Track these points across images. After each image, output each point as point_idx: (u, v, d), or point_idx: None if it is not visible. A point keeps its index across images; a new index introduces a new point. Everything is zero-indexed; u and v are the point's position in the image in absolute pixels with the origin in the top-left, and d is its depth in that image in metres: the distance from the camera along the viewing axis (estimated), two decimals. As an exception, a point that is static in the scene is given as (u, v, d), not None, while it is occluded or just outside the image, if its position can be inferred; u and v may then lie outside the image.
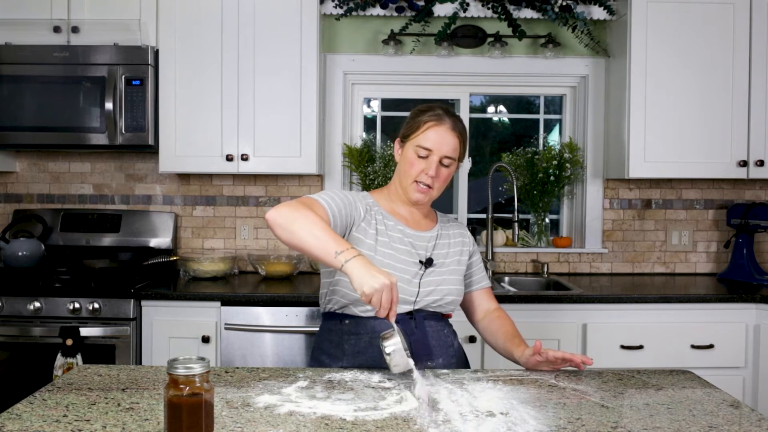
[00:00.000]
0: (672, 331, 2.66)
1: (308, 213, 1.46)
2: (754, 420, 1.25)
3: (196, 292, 2.64)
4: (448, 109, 1.72)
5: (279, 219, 1.47)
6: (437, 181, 1.67)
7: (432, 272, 1.68)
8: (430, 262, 1.68)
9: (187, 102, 2.92)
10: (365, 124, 3.44)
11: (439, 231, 1.77)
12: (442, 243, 1.75)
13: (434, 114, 1.68)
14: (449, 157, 1.66)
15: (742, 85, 2.96)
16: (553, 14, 3.11)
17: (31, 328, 2.60)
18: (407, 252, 1.67)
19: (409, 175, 1.68)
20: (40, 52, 2.85)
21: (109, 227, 3.19)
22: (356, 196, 1.70)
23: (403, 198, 1.73)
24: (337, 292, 1.66)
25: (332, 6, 3.13)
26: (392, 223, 1.70)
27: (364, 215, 1.67)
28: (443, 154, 1.65)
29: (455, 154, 1.67)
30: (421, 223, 1.76)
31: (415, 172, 1.67)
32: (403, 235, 1.69)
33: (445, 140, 1.65)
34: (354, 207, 1.65)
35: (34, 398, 1.30)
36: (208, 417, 1.06)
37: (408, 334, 1.62)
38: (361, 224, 1.66)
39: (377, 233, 1.66)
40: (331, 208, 1.58)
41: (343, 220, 1.61)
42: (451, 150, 1.66)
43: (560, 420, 1.23)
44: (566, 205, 3.48)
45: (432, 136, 1.65)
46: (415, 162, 1.67)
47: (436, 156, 1.65)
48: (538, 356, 1.56)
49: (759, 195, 3.36)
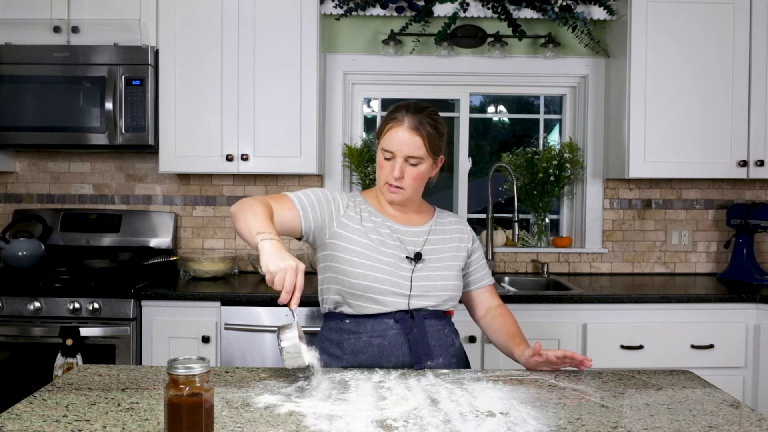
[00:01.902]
0: (672, 331, 2.66)
1: (257, 205, 1.54)
2: (754, 420, 1.25)
3: (196, 292, 2.64)
4: (417, 105, 1.69)
5: (233, 209, 1.56)
6: (405, 181, 1.68)
7: (424, 267, 1.69)
8: (419, 257, 1.69)
9: (187, 102, 2.92)
10: (365, 124, 3.44)
11: (433, 226, 1.77)
12: (436, 238, 1.75)
13: (396, 114, 1.68)
14: (414, 156, 1.66)
15: (742, 85, 2.96)
16: (553, 14, 3.11)
17: (31, 328, 2.60)
18: (396, 247, 1.68)
19: (380, 178, 1.72)
20: (40, 52, 2.85)
21: (109, 227, 3.19)
22: (340, 195, 1.73)
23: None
24: (329, 290, 1.68)
25: (332, 6, 3.13)
26: (380, 219, 1.72)
27: (344, 211, 1.69)
28: (405, 155, 1.66)
29: (420, 152, 1.66)
30: (411, 219, 1.77)
31: (384, 174, 1.70)
32: (392, 231, 1.71)
33: (404, 141, 1.65)
34: (333, 203, 1.69)
35: (34, 398, 1.30)
36: (208, 417, 1.06)
37: (405, 333, 1.63)
38: (342, 219, 1.68)
39: (365, 230, 1.68)
40: (302, 203, 1.64)
41: (317, 214, 1.66)
42: (413, 149, 1.65)
43: (560, 420, 1.23)
44: (566, 205, 3.48)
45: (392, 138, 1.67)
46: (383, 165, 1.70)
47: (399, 157, 1.66)
48: (538, 357, 1.57)
49: (759, 195, 3.36)
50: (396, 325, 1.64)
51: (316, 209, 1.65)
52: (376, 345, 1.63)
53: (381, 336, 1.64)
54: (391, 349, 1.63)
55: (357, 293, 1.63)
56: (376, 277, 1.62)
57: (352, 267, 1.63)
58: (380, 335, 1.64)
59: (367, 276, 1.62)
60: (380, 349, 1.63)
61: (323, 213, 1.67)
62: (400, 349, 1.63)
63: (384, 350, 1.63)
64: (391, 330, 1.64)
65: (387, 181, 1.69)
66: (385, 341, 1.63)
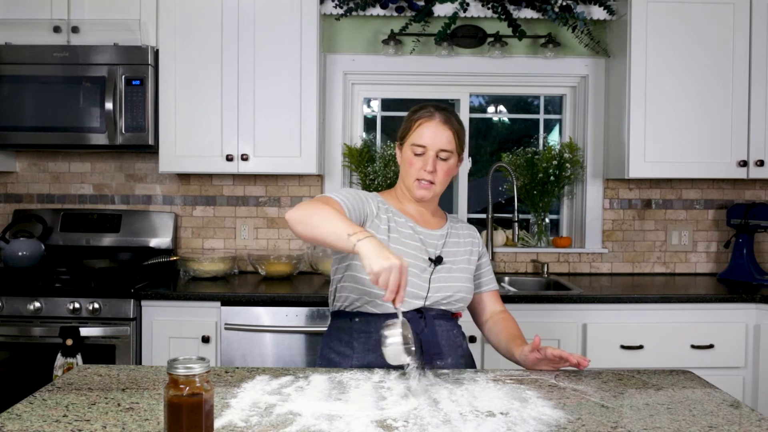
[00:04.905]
0: (672, 331, 2.66)
1: (323, 206, 1.50)
2: (754, 420, 1.25)
3: (196, 292, 2.64)
4: (441, 105, 1.74)
5: (297, 216, 1.50)
6: (437, 176, 1.70)
7: (442, 270, 1.70)
8: (440, 260, 1.70)
9: (187, 102, 2.92)
10: (365, 124, 3.44)
11: (449, 230, 1.79)
12: (452, 242, 1.77)
13: (425, 111, 1.71)
14: (445, 150, 1.68)
15: (742, 85, 2.96)
16: (553, 14, 3.11)
17: (31, 328, 2.60)
18: (418, 248, 1.69)
19: (409, 175, 1.72)
20: (40, 52, 2.85)
21: (109, 227, 3.19)
22: (368, 195, 1.73)
23: (409, 198, 1.77)
24: (346, 288, 1.67)
25: (332, 6, 3.13)
26: (403, 220, 1.72)
27: (376, 212, 1.69)
28: (438, 148, 1.68)
29: (450, 146, 1.69)
30: (430, 222, 1.78)
31: (415, 170, 1.70)
32: (414, 232, 1.72)
33: (437, 134, 1.67)
34: (366, 204, 1.68)
35: (34, 398, 1.30)
36: (208, 417, 1.06)
37: (417, 332, 1.63)
38: (374, 221, 1.68)
39: (389, 230, 1.68)
40: (345, 204, 1.62)
41: (357, 215, 1.64)
42: (445, 143, 1.68)
43: (560, 420, 1.22)
44: (566, 205, 3.48)
45: (425, 132, 1.68)
46: (413, 161, 1.70)
47: (431, 151, 1.68)
48: (537, 353, 1.57)
49: (759, 195, 3.36)
50: None
51: (357, 209, 1.64)
52: None
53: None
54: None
55: (377, 292, 1.62)
56: None
57: None
58: None
59: None
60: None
61: (362, 214, 1.66)
62: None
63: None
64: None
65: (418, 176, 1.70)
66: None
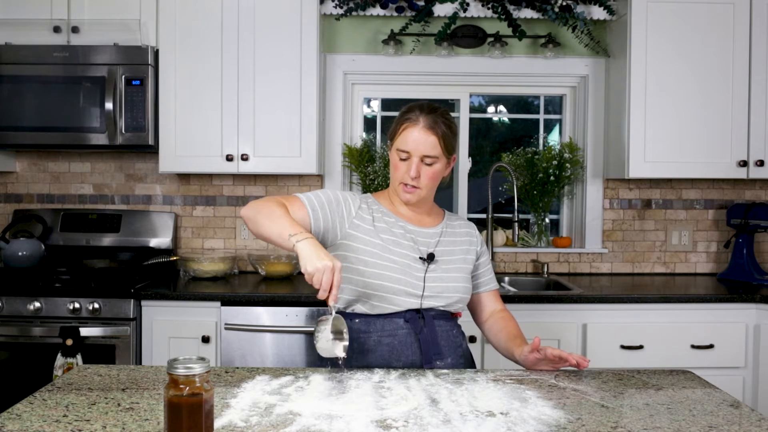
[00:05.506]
0: (672, 331, 2.66)
1: (271, 206, 1.57)
2: (754, 420, 1.25)
3: (196, 292, 2.64)
4: (431, 105, 1.71)
5: (247, 213, 1.60)
6: (421, 181, 1.69)
7: (437, 268, 1.70)
8: (432, 258, 1.70)
9: (187, 102, 2.92)
10: (365, 124, 3.44)
11: (445, 228, 1.79)
12: (447, 240, 1.76)
13: (411, 114, 1.69)
14: (429, 156, 1.68)
15: (742, 85, 2.96)
16: (553, 14, 3.11)
17: (31, 328, 2.60)
18: (410, 247, 1.69)
19: (395, 178, 1.73)
20: (40, 52, 2.85)
21: (109, 227, 3.19)
22: (351, 196, 1.73)
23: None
24: (342, 290, 1.67)
25: (332, 6, 3.13)
26: (393, 220, 1.73)
27: (355, 212, 1.69)
28: (422, 154, 1.67)
29: (435, 151, 1.67)
30: (424, 220, 1.78)
31: (400, 174, 1.71)
32: (405, 231, 1.72)
33: (421, 140, 1.66)
34: (342, 204, 1.69)
35: (34, 398, 1.30)
36: (208, 417, 1.06)
37: (416, 333, 1.64)
38: (354, 220, 1.69)
39: (378, 230, 1.68)
40: (311, 203, 1.66)
41: (326, 214, 1.66)
42: (429, 148, 1.67)
43: (560, 420, 1.23)
44: (566, 205, 3.48)
45: (408, 138, 1.67)
46: (398, 165, 1.71)
47: (415, 157, 1.67)
48: (537, 353, 1.57)
49: (759, 195, 3.36)
50: (406, 325, 1.65)
51: (326, 210, 1.66)
52: (386, 344, 1.64)
53: (391, 335, 1.64)
54: (402, 349, 1.64)
55: (371, 292, 1.63)
56: (390, 277, 1.63)
57: (366, 267, 1.64)
58: (390, 334, 1.64)
59: (382, 275, 1.63)
60: (390, 348, 1.64)
61: (333, 214, 1.67)
62: (410, 348, 1.64)
63: (394, 349, 1.64)
64: (401, 329, 1.64)
65: (403, 181, 1.70)
66: (395, 340, 1.64)
